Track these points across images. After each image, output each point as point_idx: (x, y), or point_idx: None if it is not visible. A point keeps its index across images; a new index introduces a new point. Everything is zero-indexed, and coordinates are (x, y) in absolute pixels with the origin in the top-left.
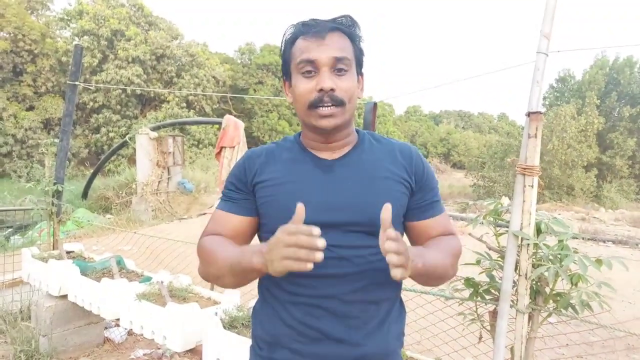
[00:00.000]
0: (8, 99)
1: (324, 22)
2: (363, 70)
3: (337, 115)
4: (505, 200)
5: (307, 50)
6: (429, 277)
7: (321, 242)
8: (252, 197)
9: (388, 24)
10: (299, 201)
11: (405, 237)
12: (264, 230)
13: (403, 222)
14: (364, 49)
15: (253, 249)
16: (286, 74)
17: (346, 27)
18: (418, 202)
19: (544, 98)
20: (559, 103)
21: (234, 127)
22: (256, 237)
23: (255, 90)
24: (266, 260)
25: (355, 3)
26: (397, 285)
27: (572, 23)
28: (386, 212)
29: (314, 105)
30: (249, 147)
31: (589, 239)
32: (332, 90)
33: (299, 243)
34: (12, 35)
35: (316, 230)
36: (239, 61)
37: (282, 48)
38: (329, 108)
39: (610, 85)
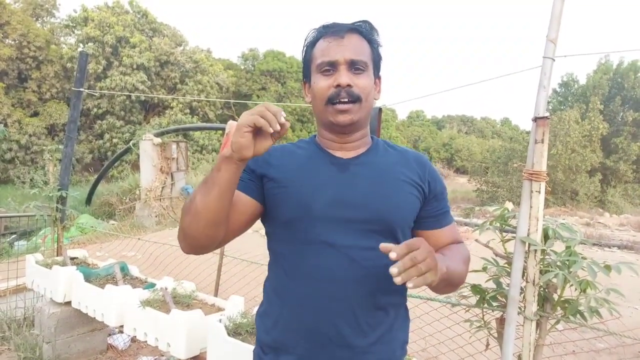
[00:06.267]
0: (13, 105)
1: (344, 24)
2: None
3: (354, 112)
4: (509, 205)
5: (326, 50)
6: (448, 284)
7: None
8: (257, 182)
9: (390, 28)
10: (313, 196)
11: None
12: (274, 223)
13: (412, 229)
14: (382, 54)
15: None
16: (306, 76)
17: (365, 31)
18: (432, 211)
19: (547, 102)
20: (562, 108)
21: None
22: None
23: (258, 96)
24: (232, 142)
25: (358, 8)
26: (404, 291)
27: (574, 27)
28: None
29: (331, 100)
30: None
31: (594, 244)
32: (349, 87)
33: (265, 114)
34: (17, 42)
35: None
36: (242, 67)
37: (304, 51)
38: (346, 104)
39: (614, 89)
